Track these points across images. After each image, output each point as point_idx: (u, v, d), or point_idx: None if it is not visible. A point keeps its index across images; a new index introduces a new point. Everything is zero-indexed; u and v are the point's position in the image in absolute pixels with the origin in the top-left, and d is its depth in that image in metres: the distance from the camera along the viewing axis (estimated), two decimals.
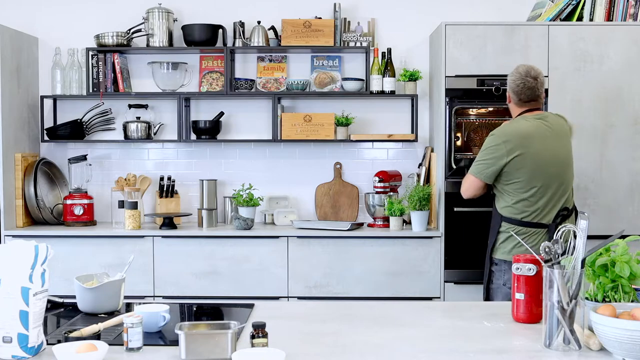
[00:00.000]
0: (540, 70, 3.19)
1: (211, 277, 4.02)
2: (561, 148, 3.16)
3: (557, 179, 3.11)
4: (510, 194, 3.09)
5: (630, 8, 4.04)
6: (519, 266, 2.02)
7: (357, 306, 2.26)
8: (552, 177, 3.09)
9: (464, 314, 2.14)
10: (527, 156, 3.04)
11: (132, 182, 4.42)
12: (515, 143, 3.05)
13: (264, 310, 2.19)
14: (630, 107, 3.99)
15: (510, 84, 3.20)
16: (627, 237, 1.96)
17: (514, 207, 3.09)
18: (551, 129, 3.14)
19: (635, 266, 1.85)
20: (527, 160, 3.04)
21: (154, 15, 4.34)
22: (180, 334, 1.67)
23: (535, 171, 3.05)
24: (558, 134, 3.16)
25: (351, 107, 4.50)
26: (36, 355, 1.71)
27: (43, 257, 1.72)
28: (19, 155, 4.19)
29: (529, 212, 3.07)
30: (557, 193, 3.10)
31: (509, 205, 3.10)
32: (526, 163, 3.04)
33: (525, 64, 3.25)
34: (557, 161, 3.12)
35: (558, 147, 3.15)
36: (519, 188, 3.07)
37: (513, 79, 3.19)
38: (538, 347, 1.78)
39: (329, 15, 4.44)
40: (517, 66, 3.23)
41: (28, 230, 4.13)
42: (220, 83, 4.49)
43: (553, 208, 3.08)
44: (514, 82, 3.19)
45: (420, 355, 1.72)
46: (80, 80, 4.42)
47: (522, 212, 3.07)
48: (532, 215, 3.06)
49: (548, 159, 3.09)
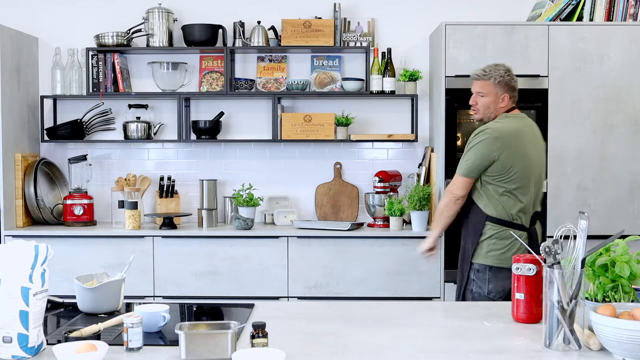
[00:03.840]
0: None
1: (211, 277, 4.02)
2: (542, 149, 3.22)
3: (539, 179, 3.12)
4: (497, 191, 3.01)
5: (630, 8, 4.04)
6: (519, 266, 2.02)
7: (357, 306, 2.26)
8: (535, 177, 3.09)
9: (464, 314, 2.14)
10: (517, 154, 3.02)
11: (132, 182, 4.42)
12: (506, 140, 3.02)
13: (264, 310, 2.19)
14: (630, 107, 3.99)
15: (508, 80, 3.13)
16: (627, 237, 1.96)
17: (500, 203, 3.01)
18: (533, 129, 3.18)
19: (635, 266, 1.85)
20: (516, 158, 3.01)
21: (154, 15, 4.34)
22: (180, 334, 1.67)
23: (523, 170, 3.02)
24: (538, 134, 3.20)
25: (351, 107, 4.50)
26: (36, 355, 1.71)
27: (43, 257, 1.72)
28: (19, 155, 4.19)
29: (515, 211, 3.01)
30: (538, 194, 3.12)
31: (495, 202, 3.01)
32: (515, 160, 3.00)
33: (498, 62, 3.23)
34: (540, 161, 3.16)
35: (540, 147, 3.19)
36: (506, 184, 3.00)
37: (511, 75, 3.15)
38: (538, 347, 1.78)
39: (329, 15, 4.44)
40: (498, 64, 3.19)
41: (28, 230, 4.13)
42: (220, 83, 4.49)
43: (532, 209, 3.08)
44: (512, 78, 3.15)
45: (420, 355, 1.72)
46: (80, 80, 4.42)
47: (509, 209, 3.00)
48: (515, 215, 3.01)
49: (534, 159, 3.09)
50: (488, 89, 3.14)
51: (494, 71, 3.14)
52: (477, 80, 3.19)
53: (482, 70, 3.19)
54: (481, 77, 3.16)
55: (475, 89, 3.19)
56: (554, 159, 3.97)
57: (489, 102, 3.15)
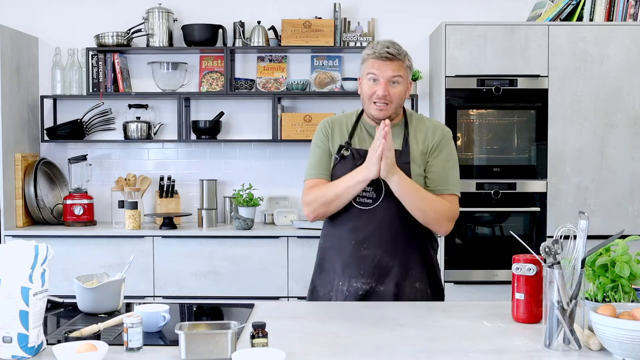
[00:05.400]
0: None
1: (211, 277, 4.02)
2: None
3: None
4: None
5: (630, 8, 4.04)
6: (519, 266, 2.02)
7: (357, 306, 2.26)
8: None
9: (464, 314, 2.14)
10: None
11: (132, 182, 4.42)
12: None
13: (264, 310, 2.19)
14: (630, 107, 3.99)
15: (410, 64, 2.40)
16: (627, 237, 1.96)
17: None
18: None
19: (635, 266, 1.85)
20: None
21: (154, 15, 4.34)
22: (180, 334, 1.67)
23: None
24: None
25: (351, 107, 4.47)
26: (36, 355, 1.71)
27: (43, 257, 1.72)
28: (19, 155, 4.19)
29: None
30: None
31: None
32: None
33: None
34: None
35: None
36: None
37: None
38: (538, 347, 1.78)
39: (329, 15, 4.44)
40: (392, 40, 2.40)
41: (28, 230, 4.13)
42: (220, 83, 4.48)
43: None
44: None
45: (420, 355, 1.72)
46: (80, 80, 4.42)
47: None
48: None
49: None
50: (404, 73, 2.34)
51: (401, 49, 2.35)
52: (390, 60, 2.31)
53: (392, 47, 2.32)
54: (396, 57, 2.31)
55: (385, 74, 2.30)
56: (554, 159, 3.98)
57: (402, 93, 2.36)
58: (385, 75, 2.30)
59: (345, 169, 2.35)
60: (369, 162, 2.23)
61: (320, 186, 2.36)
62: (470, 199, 3.97)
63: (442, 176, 2.36)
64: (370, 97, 2.33)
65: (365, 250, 2.34)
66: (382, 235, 2.33)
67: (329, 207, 2.34)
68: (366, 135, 2.42)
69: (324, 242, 2.48)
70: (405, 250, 2.36)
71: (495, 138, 4.05)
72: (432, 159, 2.37)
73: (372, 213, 2.34)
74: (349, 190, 2.29)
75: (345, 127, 2.45)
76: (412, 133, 2.40)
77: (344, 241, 2.37)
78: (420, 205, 2.28)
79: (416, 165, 2.34)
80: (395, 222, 2.33)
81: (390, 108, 2.33)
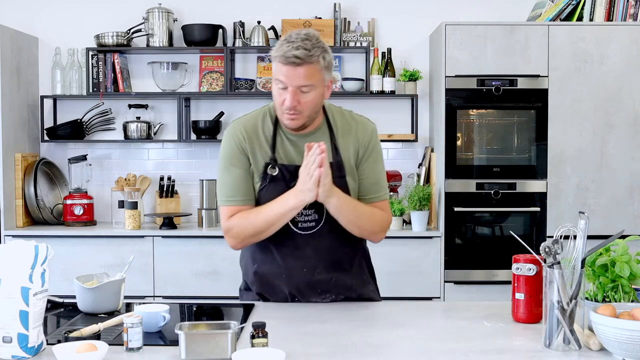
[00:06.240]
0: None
1: (211, 277, 4.02)
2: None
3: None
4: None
5: (630, 8, 4.04)
6: (519, 266, 2.02)
7: (357, 306, 2.25)
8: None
9: (464, 314, 2.14)
10: None
11: (132, 182, 4.42)
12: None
13: (264, 310, 2.18)
14: (630, 107, 3.99)
15: (330, 59, 2.12)
16: (627, 237, 1.96)
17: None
18: None
19: (635, 266, 1.85)
20: None
21: (154, 15, 4.34)
22: (180, 334, 1.67)
23: None
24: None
25: (351, 107, 4.41)
26: (36, 355, 1.71)
27: (43, 257, 1.72)
28: (19, 155, 4.19)
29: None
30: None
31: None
32: None
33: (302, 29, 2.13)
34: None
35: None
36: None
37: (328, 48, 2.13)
38: (538, 347, 1.78)
39: (329, 15, 4.44)
40: (308, 32, 2.08)
41: (28, 230, 4.13)
42: (220, 83, 4.48)
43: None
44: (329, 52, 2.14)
45: (420, 356, 1.72)
46: (80, 80, 4.42)
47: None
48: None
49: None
50: (316, 78, 2.06)
51: (316, 47, 2.03)
52: (299, 65, 2.02)
53: (303, 47, 2.00)
54: (306, 60, 2.02)
55: (293, 82, 2.03)
56: (554, 159, 3.98)
57: (317, 99, 2.10)
58: (294, 84, 2.03)
59: (276, 191, 2.12)
60: (304, 187, 2.02)
61: (245, 213, 2.14)
62: (470, 199, 3.97)
63: (373, 183, 2.23)
64: (280, 105, 2.09)
65: (319, 275, 2.21)
66: (332, 258, 2.21)
67: (259, 236, 2.15)
68: (289, 145, 2.17)
69: (259, 267, 2.26)
70: (354, 263, 2.28)
71: (495, 138, 4.05)
72: (363, 164, 2.21)
73: (316, 237, 2.17)
74: (282, 218, 2.09)
75: (264, 138, 2.17)
76: (339, 137, 2.20)
77: (292, 270, 2.20)
78: (357, 223, 2.15)
79: (351, 179, 2.18)
80: (343, 241, 2.21)
81: (302, 117, 2.09)
